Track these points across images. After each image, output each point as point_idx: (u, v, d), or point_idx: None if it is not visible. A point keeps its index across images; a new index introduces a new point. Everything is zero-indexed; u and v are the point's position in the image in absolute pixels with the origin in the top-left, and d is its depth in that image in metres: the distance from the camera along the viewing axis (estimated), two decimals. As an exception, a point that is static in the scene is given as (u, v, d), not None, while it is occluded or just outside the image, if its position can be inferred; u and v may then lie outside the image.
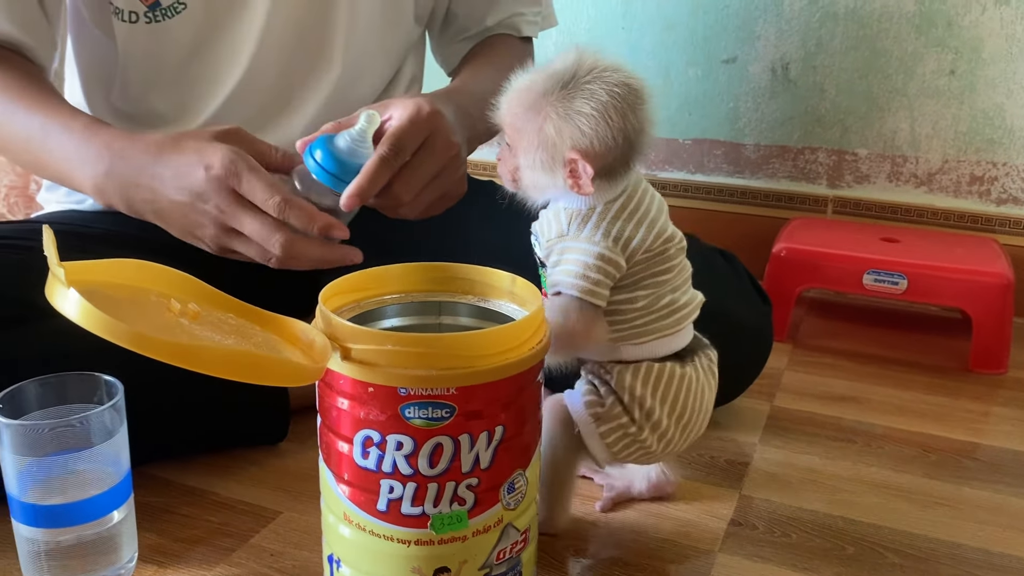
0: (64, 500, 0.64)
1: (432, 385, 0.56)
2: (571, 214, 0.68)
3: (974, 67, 1.33)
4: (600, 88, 0.64)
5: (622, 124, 0.65)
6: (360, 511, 0.60)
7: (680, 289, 0.71)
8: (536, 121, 0.66)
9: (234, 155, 0.73)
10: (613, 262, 0.67)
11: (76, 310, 0.50)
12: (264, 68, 0.94)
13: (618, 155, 0.66)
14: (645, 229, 0.68)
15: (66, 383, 0.67)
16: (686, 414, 0.72)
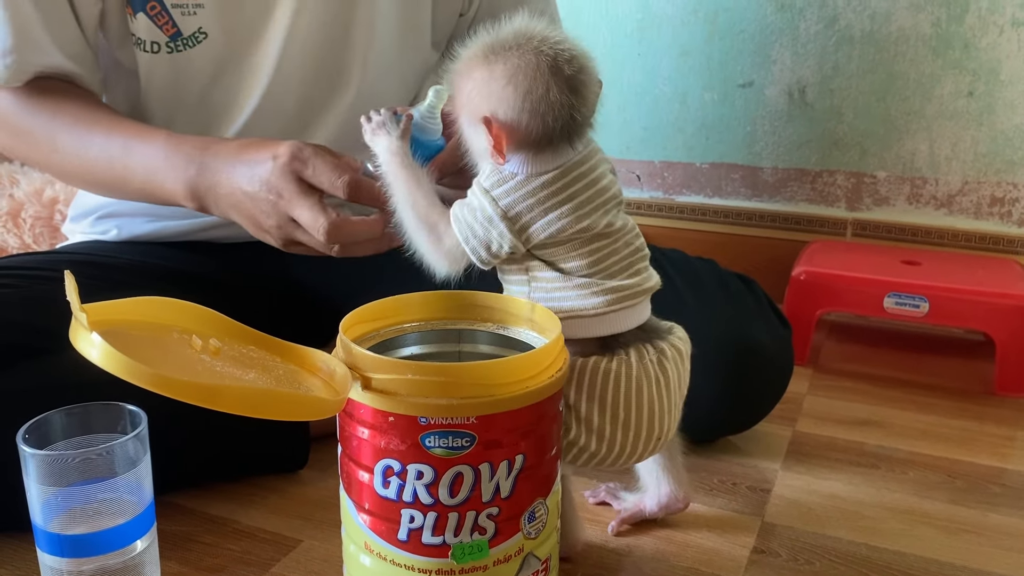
0: (88, 530, 0.65)
1: (452, 414, 0.56)
2: (494, 169, 0.66)
3: (992, 88, 1.32)
4: (521, 55, 0.63)
5: (540, 96, 0.62)
6: (381, 540, 0.60)
7: (615, 275, 0.67)
8: (464, 85, 0.66)
9: (303, 144, 0.76)
10: (499, 232, 0.65)
11: (99, 354, 0.51)
12: (282, 93, 0.96)
13: (537, 127, 0.63)
14: (556, 216, 0.65)
15: (90, 413, 0.68)
16: (620, 413, 0.67)
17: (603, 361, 0.67)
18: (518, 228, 0.65)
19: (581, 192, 0.66)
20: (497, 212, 0.64)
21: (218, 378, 0.55)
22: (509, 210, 0.65)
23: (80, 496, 0.65)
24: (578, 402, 0.67)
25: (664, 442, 0.71)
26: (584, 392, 0.67)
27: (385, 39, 0.99)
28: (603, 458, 0.69)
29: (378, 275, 0.98)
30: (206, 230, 1.01)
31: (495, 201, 0.65)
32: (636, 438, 0.68)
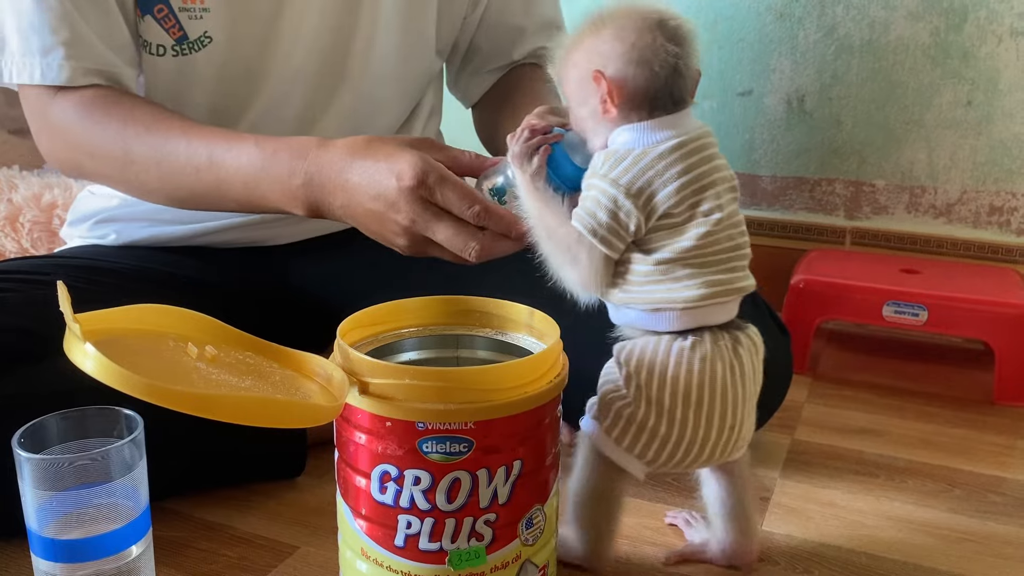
0: (83, 535, 0.64)
1: (450, 419, 0.56)
2: (608, 153, 0.65)
3: (991, 98, 1.33)
4: (627, 16, 0.65)
5: (647, 44, 0.64)
6: (377, 546, 0.59)
7: (711, 264, 0.65)
8: (571, 58, 0.67)
9: (424, 164, 0.71)
10: (626, 210, 0.63)
11: (93, 365, 0.51)
12: (284, 100, 0.96)
13: (645, 79, 0.64)
14: (676, 188, 0.64)
15: (86, 417, 0.67)
16: (692, 393, 0.66)
17: (676, 340, 0.66)
18: (643, 201, 0.64)
19: (698, 165, 0.65)
20: (620, 191, 0.63)
21: (213, 386, 0.55)
22: (631, 186, 0.64)
23: (75, 501, 0.64)
24: (649, 381, 0.66)
25: (737, 439, 0.69)
26: (656, 371, 0.66)
27: (388, 46, 0.99)
28: (674, 447, 0.67)
29: (377, 281, 0.98)
30: (205, 235, 1.01)
31: (615, 181, 0.64)
32: (708, 424, 0.67)
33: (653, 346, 0.66)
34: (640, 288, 0.66)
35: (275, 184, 0.80)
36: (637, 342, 0.67)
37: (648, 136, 0.65)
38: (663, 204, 0.64)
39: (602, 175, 0.65)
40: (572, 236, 0.65)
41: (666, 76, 0.64)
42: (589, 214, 0.64)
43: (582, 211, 0.65)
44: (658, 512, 0.86)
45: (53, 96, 0.87)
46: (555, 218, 0.66)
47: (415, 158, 0.71)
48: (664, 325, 0.66)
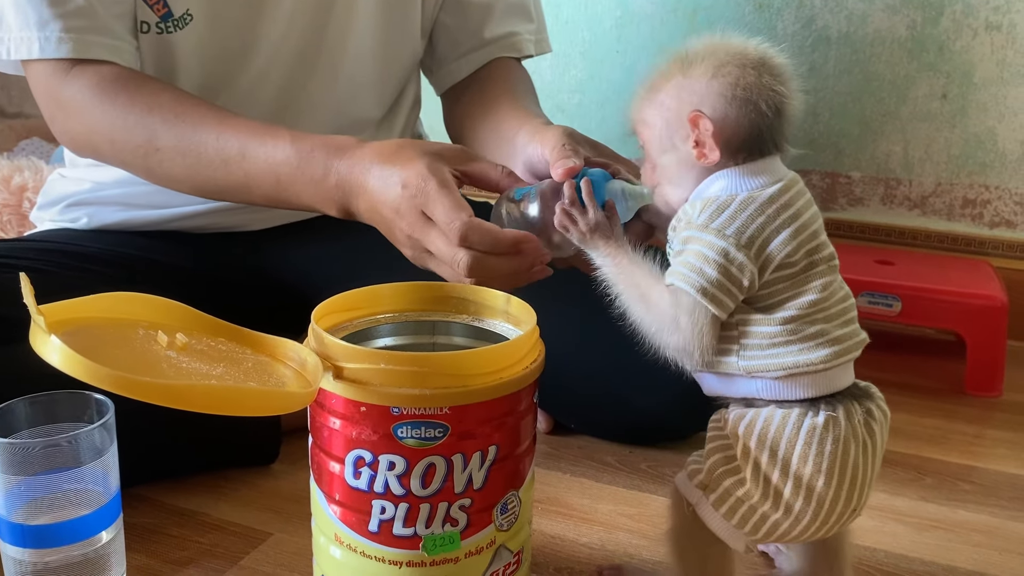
0: (52, 520, 0.63)
1: (425, 404, 0.56)
2: (706, 202, 0.59)
3: (966, 91, 1.34)
4: (721, 53, 0.59)
5: (749, 83, 0.58)
6: (351, 532, 0.59)
7: (833, 318, 0.59)
8: (656, 99, 0.62)
9: (426, 173, 0.70)
10: (738, 264, 0.56)
11: (59, 357, 0.50)
12: (263, 81, 0.95)
13: (749, 121, 0.58)
14: (790, 234, 0.57)
15: (56, 402, 0.66)
16: (819, 480, 0.57)
17: (808, 415, 0.58)
18: (755, 252, 0.57)
19: (805, 209, 0.59)
20: (730, 242, 0.57)
21: (184, 376, 0.54)
22: (741, 235, 0.57)
23: (44, 486, 0.64)
24: (771, 464, 0.58)
25: (857, 516, 0.62)
26: (780, 455, 0.58)
27: (368, 27, 0.98)
28: (789, 528, 0.59)
29: (353, 267, 0.97)
30: (178, 220, 0.99)
31: (720, 231, 0.57)
32: (830, 511, 0.59)
33: (780, 421, 0.58)
34: (766, 352, 0.58)
35: (309, 184, 0.78)
36: (760, 413, 0.59)
37: (749, 182, 0.59)
38: (779, 253, 0.57)
39: (702, 226, 0.58)
40: (668, 298, 0.58)
41: (772, 117, 0.59)
42: (695, 271, 0.57)
43: (684, 268, 0.58)
44: (634, 499, 0.87)
45: (66, 73, 0.84)
46: (647, 278, 0.60)
47: (423, 167, 0.70)
48: (796, 393, 0.58)
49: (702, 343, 0.58)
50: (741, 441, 0.59)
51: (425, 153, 0.73)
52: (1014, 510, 0.87)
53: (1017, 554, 0.79)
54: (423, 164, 0.71)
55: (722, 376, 0.60)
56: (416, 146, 0.75)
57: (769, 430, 0.58)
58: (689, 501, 0.61)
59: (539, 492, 0.85)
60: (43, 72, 0.85)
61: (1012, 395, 1.16)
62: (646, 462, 0.94)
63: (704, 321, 0.57)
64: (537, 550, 0.77)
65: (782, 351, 0.57)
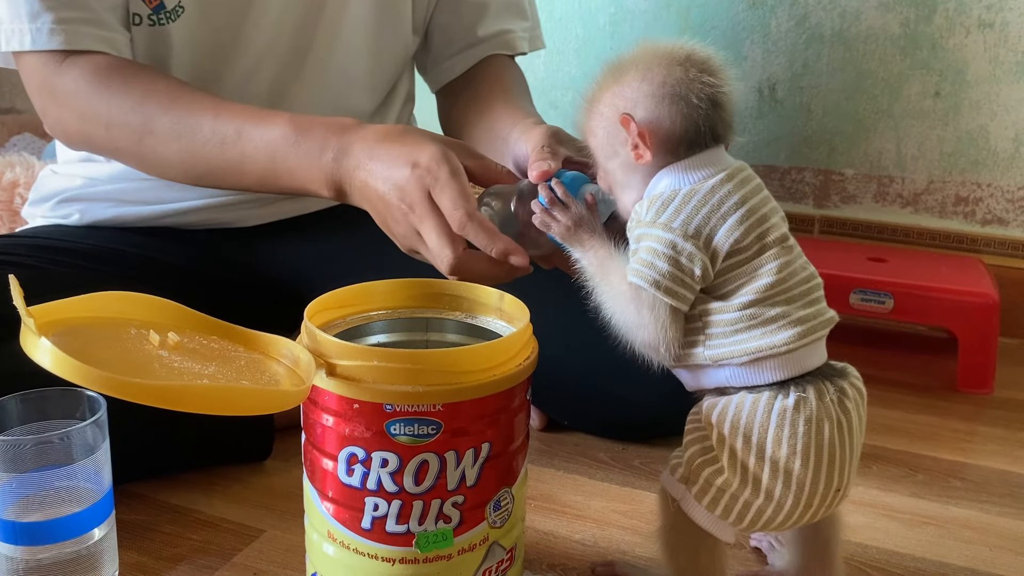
0: (44, 517, 0.63)
1: (418, 401, 0.56)
2: (652, 200, 0.60)
3: (958, 89, 1.34)
4: (649, 56, 0.61)
5: (676, 79, 0.59)
6: (344, 529, 0.59)
7: (795, 299, 0.59)
8: (596, 110, 0.63)
9: (440, 157, 0.70)
10: (688, 254, 0.57)
11: (50, 360, 0.49)
12: (257, 72, 0.95)
13: (682, 116, 0.59)
14: (736, 220, 0.58)
15: (47, 399, 0.66)
16: (795, 462, 0.57)
17: (777, 398, 0.58)
18: (703, 241, 0.58)
19: (752, 195, 0.60)
20: (676, 234, 0.58)
21: (176, 376, 0.54)
22: (687, 226, 0.58)
23: (36, 483, 0.63)
24: (746, 450, 0.58)
25: (841, 498, 0.61)
26: (754, 439, 0.58)
27: (359, 19, 0.98)
28: (772, 514, 0.59)
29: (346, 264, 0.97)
30: (171, 216, 0.99)
31: (667, 225, 0.58)
32: (812, 492, 0.59)
33: (751, 406, 0.58)
34: (729, 340, 0.59)
35: (304, 159, 0.78)
36: (732, 400, 0.59)
37: (691, 175, 0.60)
38: (727, 240, 0.58)
39: (650, 222, 0.59)
40: (631, 293, 0.59)
41: (706, 109, 0.59)
42: (646, 265, 0.58)
43: (637, 264, 0.59)
44: (627, 496, 0.87)
45: (59, 64, 0.84)
46: (619, 274, 0.60)
47: (437, 151, 0.70)
48: (766, 377, 0.59)
49: (667, 337, 0.59)
50: (716, 429, 0.59)
51: (436, 139, 0.73)
52: (1005, 506, 0.87)
53: (1008, 550, 0.80)
54: (436, 148, 0.71)
55: (692, 369, 0.61)
56: (423, 132, 0.76)
57: (741, 416, 0.58)
58: (674, 497, 0.62)
59: (532, 489, 0.85)
60: (36, 64, 0.85)
61: (1003, 392, 1.16)
62: (639, 459, 0.94)
63: (665, 315, 0.58)
64: (530, 547, 0.77)
65: (744, 336, 0.58)
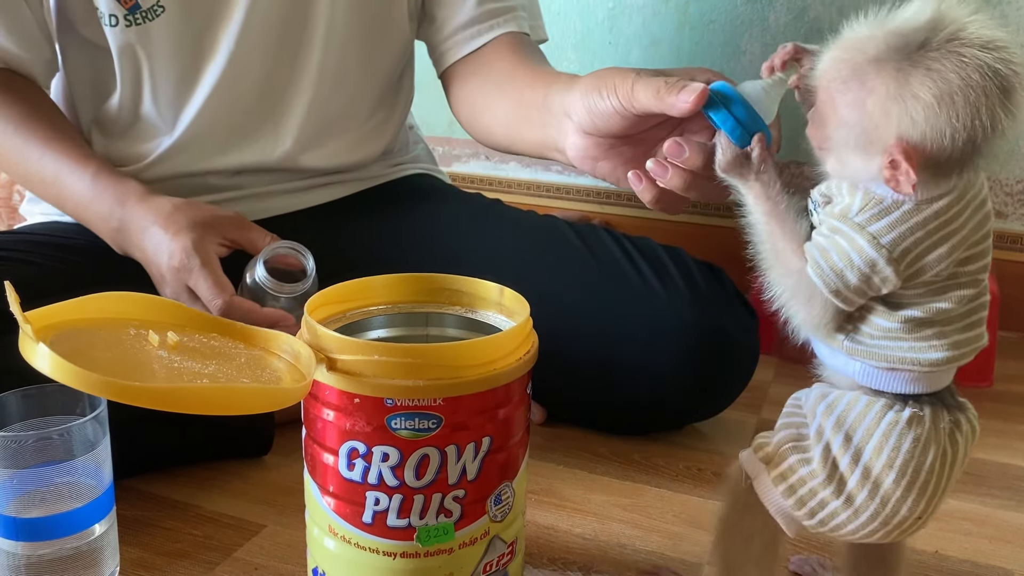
0: (45, 513, 0.63)
1: (419, 396, 0.56)
2: (870, 199, 0.53)
3: (957, 83, 1.34)
4: (953, 67, 0.49)
5: (970, 121, 0.49)
6: (345, 523, 0.59)
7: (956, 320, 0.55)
8: (858, 93, 0.52)
9: (191, 251, 0.81)
10: (883, 277, 0.52)
11: (48, 365, 0.49)
12: (243, 70, 0.94)
13: (953, 155, 0.51)
14: (946, 251, 0.53)
15: (47, 395, 0.66)
16: (888, 475, 0.55)
17: (893, 408, 0.55)
18: (905, 266, 0.52)
19: (969, 220, 0.54)
20: (881, 253, 0.52)
21: (176, 376, 0.54)
22: (895, 248, 0.52)
23: (37, 479, 0.63)
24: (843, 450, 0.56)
25: (922, 526, 0.58)
26: (855, 441, 0.55)
27: (345, 14, 0.97)
28: (846, 521, 0.57)
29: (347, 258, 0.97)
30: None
31: (875, 239, 0.52)
32: (894, 512, 0.56)
33: (862, 408, 0.56)
34: (876, 343, 0.55)
35: (97, 219, 0.89)
36: (846, 396, 0.56)
37: (924, 191, 0.52)
38: (930, 270, 0.53)
39: (858, 225, 0.53)
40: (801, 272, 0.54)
41: (973, 156, 0.51)
42: (835, 271, 0.53)
43: (825, 264, 0.53)
44: (628, 490, 0.87)
45: None
46: (791, 244, 0.55)
47: (189, 243, 0.81)
48: (894, 386, 0.55)
49: (826, 328, 0.55)
50: (818, 419, 0.57)
51: (195, 225, 0.83)
52: (1005, 499, 0.87)
53: (1006, 542, 0.80)
54: (189, 240, 0.82)
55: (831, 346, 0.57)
56: (191, 213, 0.85)
57: (850, 414, 0.56)
58: (749, 474, 0.59)
59: (532, 483, 0.86)
60: None
61: (1002, 385, 1.16)
62: (639, 453, 0.94)
63: (832, 312, 0.55)
64: (531, 541, 0.77)
65: (892, 344, 0.55)
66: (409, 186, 1.12)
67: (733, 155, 0.59)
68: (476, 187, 1.23)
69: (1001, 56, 0.49)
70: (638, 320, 0.91)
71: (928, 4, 0.51)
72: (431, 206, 1.07)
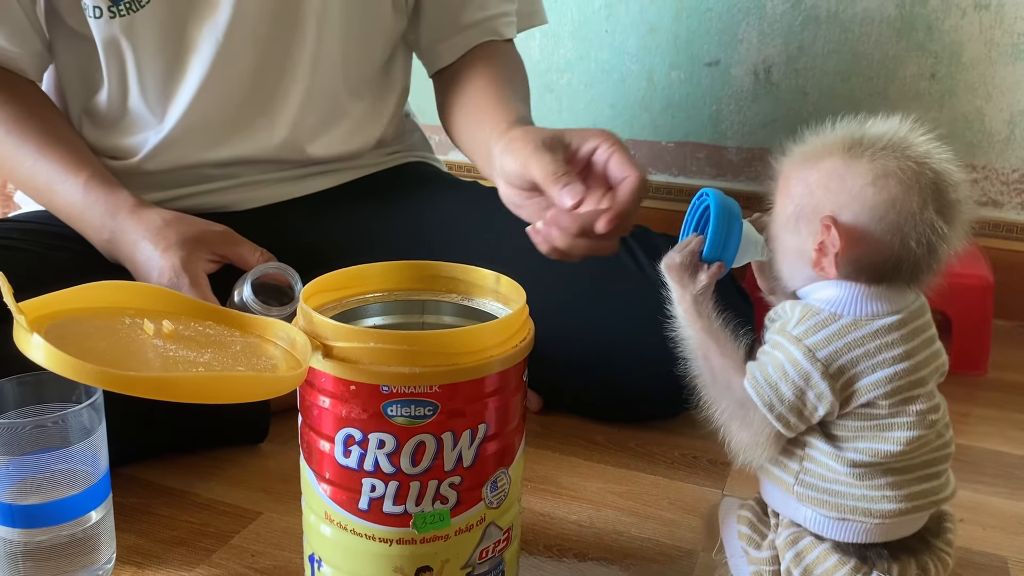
0: (41, 500, 0.63)
1: (415, 383, 0.56)
2: (807, 312, 0.54)
3: (954, 71, 1.34)
4: (899, 159, 0.52)
5: (911, 212, 0.51)
6: (342, 510, 0.59)
7: (914, 470, 0.54)
8: (807, 172, 0.55)
9: (179, 269, 0.82)
10: (818, 392, 0.52)
11: (42, 355, 0.49)
12: (233, 62, 0.94)
13: (890, 251, 0.52)
14: (887, 376, 0.52)
15: (43, 382, 0.66)
16: None
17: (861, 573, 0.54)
18: (841, 385, 0.52)
19: (918, 351, 0.53)
20: (816, 367, 0.52)
21: (172, 365, 0.54)
22: (830, 363, 0.52)
23: (33, 466, 0.64)
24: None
25: None
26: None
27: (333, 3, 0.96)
28: None
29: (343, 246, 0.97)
30: (165, 201, 0.99)
31: (811, 352, 0.52)
32: None
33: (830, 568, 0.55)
34: (825, 486, 0.54)
35: (89, 229, 0.89)
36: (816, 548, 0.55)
37: (864, 305, 0.53)
38: (867, 393, 0.52)
39: (795, 338, 0.53)
40: (742, 393, 0.54)
41: (920, 255, 0.52)
42: (770, 385, 0.53)
43: (760, 377, 0.53)
44: (623, 477, 0.87)
45: None
46: (724, 359, 0.55)
47: (177, 261, 0.82)
48: (847, 537, 0.54)
49: (761, 451, 0.55)
50: (786, 563, 0.56)
51: (186, 241, 0.84)
52: (999, 487, 0.88)
53: (1000, 529, 0.80)
54: (179, 258, 0.83)
55: (777, 487, 0.57)
56: (181, 228, 0.85)
57: (815, 570, 0.55)
58: None
59: (528, 471, 0.86)
60: None
61: (997, 374, 1.17)
62: (635, 441, 0.94)
63: (768, 435, 0.54)
64: (526, 527, 0.77)
65: (843, 490, 0.54)
66: (405, 174, 1.12)
67: (688, 260, 0.59)
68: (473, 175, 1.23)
69: (941, 162, 0.52)
70: (635, 309, 0.91)
71: (887, 122, 0.55)
72: (427, 194, 1.07)
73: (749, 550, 0.58)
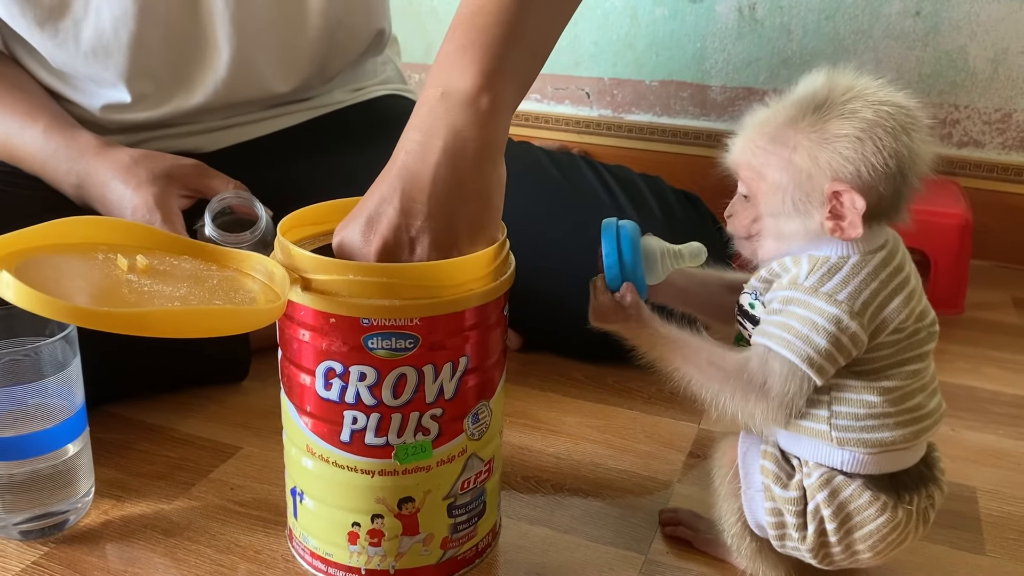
0: (16, 433, 0.63)
1: (395, 316, 0.55)
2: (815, 262, 0.54)
3: (939, 8, 1.33)
4: (863, 106, 0.53)
5: (894, 146, 0.52)
6: (323, 443, 0.59)
7: (928, 389, 0.56)
8: (782, 154, 0.54)
9: (152, 206, 0.81)
10: (851, 334, 0.53)
11: (12, 293, 0.47)
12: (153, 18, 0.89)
13: (890, 188, 0.53)
14: (903, 299, 0.54)
15: (15, 316, 0.65)
16: (867, 553, 0.57)
17: (888, 507, 0.56)
18: (868, 319, 0.53)
19: (913, 274, 0.56)
20: (843, 309, 0.53)
21: (147, 300, 0.53)
22: (854, 301, 0.53)
23: (7, 400, 0.63)
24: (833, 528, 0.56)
25: None
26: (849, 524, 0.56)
27: None
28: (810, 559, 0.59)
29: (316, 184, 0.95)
30: (146, 142, 0.97)
31: (832, 297, 0.53)
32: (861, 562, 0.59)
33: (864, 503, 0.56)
34: (861, 424, 0.55)
35: (54, 175, 0.86)
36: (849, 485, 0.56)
37: (864, 244, 0.54)
38: (894, 320, 0.54)
39: (811, 288, 0.53)
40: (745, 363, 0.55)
41: (904, 188, 0.53)
42: (801, 338, 0.53)
43: (787, 334, 0.53)
44: (601, 412, 0.88)
45: None
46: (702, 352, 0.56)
47: (150, 197, 0.81)
48: (880, 469, 0.56)
49: (791, 409, 0.55)
50: (814, 503, 0.57)
51: (157, 177, 0.82)
52: (971, 420, 0.89)
53: (971, 461, 0.82)
54: (151, 194, 0.81)
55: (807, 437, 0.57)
56: (151, 165, 0.83)
57: (848, 506, 0.56)
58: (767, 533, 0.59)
59: (508, 406, 0.86)
60: None
61: (973, 312, 1.18)
62: (613, 377, 0.95)
63: (801, 388, 0.54)
64: (505, 460, 0.78)
65: (878, 424, 0.54)
66: (377, 109, 1.10)
67: (607, 301, 0.59)
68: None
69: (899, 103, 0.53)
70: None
71: (817, 74, 0.55)
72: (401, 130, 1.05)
73: (773, 487, 0.58)
